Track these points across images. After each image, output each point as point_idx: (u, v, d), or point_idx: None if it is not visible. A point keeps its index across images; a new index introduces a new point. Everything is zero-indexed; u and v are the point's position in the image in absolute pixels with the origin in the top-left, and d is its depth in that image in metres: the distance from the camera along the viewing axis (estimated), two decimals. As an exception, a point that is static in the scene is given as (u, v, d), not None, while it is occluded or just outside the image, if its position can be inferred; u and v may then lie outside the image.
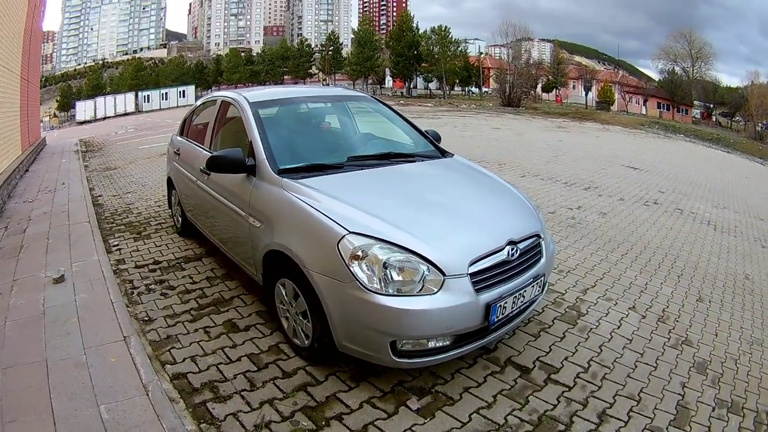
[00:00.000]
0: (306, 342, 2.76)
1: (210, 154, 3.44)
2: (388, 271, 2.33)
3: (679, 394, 2.83)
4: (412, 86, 56.06)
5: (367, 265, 2.34)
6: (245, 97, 3.66)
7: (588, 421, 2.49)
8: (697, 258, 5.32)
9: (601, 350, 3.16)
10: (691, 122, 47.77)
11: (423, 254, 2.36)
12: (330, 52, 66.67)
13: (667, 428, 2.53)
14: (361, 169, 3.20)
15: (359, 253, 2.36)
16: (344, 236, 2.41)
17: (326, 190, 2.76)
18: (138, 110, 52.57)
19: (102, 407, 2.39)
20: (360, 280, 2.32)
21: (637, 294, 4.11)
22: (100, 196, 7.32)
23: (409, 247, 2.38)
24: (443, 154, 3.82)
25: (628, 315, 3.70)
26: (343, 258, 2.37)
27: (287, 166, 3.04)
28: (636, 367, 3.02)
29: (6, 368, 2.70)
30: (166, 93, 57.47)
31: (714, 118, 52.37)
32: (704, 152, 22.85)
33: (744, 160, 24.30)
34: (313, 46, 71.40)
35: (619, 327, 3.49)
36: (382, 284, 2.32)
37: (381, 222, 2.49)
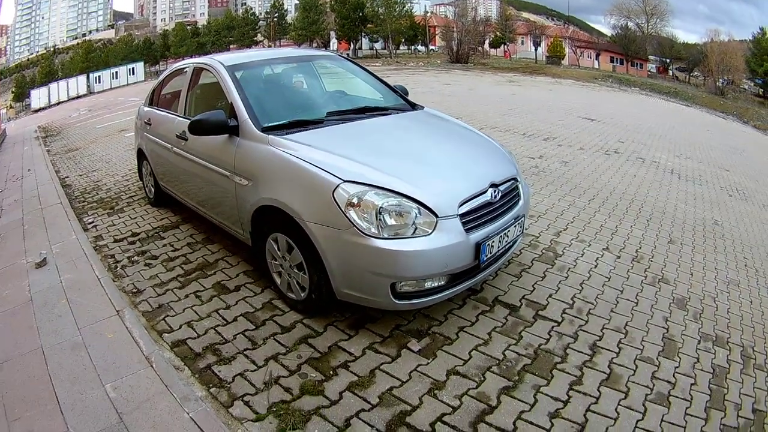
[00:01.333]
0: (302, 294, 2.81)
1: (188, 120, 3.40)
2: (383, 215, 2.39)
3: (664, 327, 3.00)
4: (357, 47, 54.98)
5: (363, 212, 2.39)
6: (220, 61, 3.62)
7: (581, 353, 2.63)
8: (663, 204, 5.51)
9: (582, 288, 3.30)
10: (646, 76, 47.73)
11: (417, 198, 2.44)
12: (275, 19, 65.00)
13: (657, 358, 2.68)
14: (341, 123, 3.24)
15: (354, 200, 2.41)
16: (339, 185, 2.46)
17: (313, 144, 2.80)
18: (90, 92, 50.41)
19: (108, 386, 2.33)
20: (358, 226, 2.37)
21: (608, 236, 4.26)
22: (67, 177, 7.05)
23: (403, 192, 2.44)
24: (413, 107, 3.89)
25: (603, 255, 3.85)
26: (339, 206, 2.42)
27: (270, 124, 3.04)
28: (618, 302, 3.18)
29: (2, 363, 2.60)
30: (116, 72, 55.17)
31: (671, 73, 52.46)
32: (662, 105, 23.11)
33: (704, 114, 24.67)
34: (258, 14, 69.13)
35: (596, 266, 3.65)
36: (379, 229, 2.38)
37: (372, 170, 2.55)
